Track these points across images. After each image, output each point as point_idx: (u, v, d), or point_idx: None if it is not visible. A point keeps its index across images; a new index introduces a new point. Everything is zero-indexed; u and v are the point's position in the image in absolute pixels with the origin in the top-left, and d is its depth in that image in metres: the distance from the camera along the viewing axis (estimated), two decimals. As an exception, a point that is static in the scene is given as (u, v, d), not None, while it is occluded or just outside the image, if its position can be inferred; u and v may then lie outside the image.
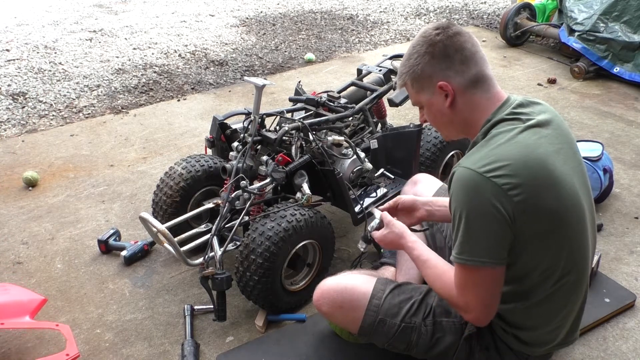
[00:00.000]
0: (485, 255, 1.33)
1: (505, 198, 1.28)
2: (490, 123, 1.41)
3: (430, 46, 1.42)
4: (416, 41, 1.46)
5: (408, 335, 1.61)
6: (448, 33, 1.41)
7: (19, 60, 4.69)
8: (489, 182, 1.29)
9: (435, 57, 1.41)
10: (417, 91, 1.48)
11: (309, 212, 2.02)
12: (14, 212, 2.76)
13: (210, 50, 4.94)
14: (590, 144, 2.70)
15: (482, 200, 1.30)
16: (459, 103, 1.43)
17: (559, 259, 1.39)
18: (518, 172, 1.29)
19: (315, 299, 1.71)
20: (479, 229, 1.32)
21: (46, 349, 1.97)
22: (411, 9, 6.09)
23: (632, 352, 1.91)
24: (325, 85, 4.04)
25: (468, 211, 1.32)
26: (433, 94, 1.45)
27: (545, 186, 1.31)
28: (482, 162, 1.31)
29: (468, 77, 1.42)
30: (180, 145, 3.37)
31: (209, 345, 1.98)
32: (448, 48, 1.41)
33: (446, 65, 1.41)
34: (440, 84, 1.42)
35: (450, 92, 1.42)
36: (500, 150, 1.33)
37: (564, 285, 1.43)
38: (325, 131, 2.33)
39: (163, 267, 2.36)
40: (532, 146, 1.34)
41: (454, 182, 1.36)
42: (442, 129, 1.55)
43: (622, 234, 2.51)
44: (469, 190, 1.31)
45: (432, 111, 1.49)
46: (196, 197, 2.30)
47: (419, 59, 1.44)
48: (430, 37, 1.43)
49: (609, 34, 4.07)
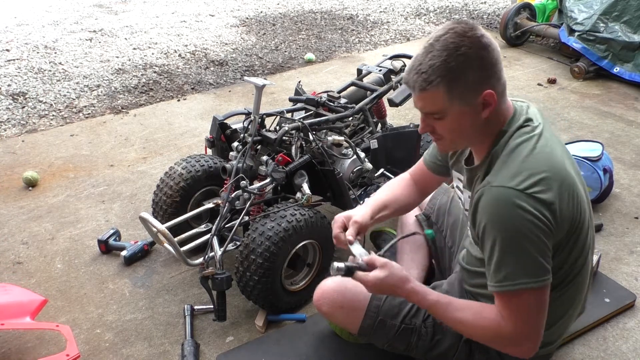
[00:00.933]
0: (534, 275, 1.27)
1: (550, 212, 1.24)
2: (508, 134, 1.34)
3: (481, 50, 1.26)
4: (457, 41, 1.25)
5: (408, 337, 1.61)
6: (489, 38, 1.28)
7: (19, 60, 4.69)
8: (531, 198, 1.23)
9: (486, 64, 1.27)
10: (451, 98, 1.28)
11: (309, 212, 2.02)
12: (14, 212, 2.76)
13: (210, 50, 4.94)
14: (590, 144, 2.70)
15: (529, 219, 1.23)
16: (493, 114, 1.32)
17: (570, 263, 1.39)
18: (553, 184, 1.25)
19: (316, 299, 1.71)
20: (526, 250, 1.25)
21: (46, 349, 1.97)
22: (411, 9, 6.09)
23: (632, 352, 1.91)
24: (325, 85, 4.04)
25: (512, 233, 1.25)
26: (472, 104, 1.29)
27: (570, 194, 1.29)
28: (518, 179, 1.25)
29: (502, 86, 1.32)
30: (180, 145, 3.37)
31: (209, 345, 1.98)
32: (495, 54, 1.28)
33: (492, 74, 1.28)
34: (486, 94, 1.27)
35: (494, 102, 1.29)
36: (529, 164, 1.27)
37: (570, 289, 1.43)
38: (325, 131, 2.33)
39: (163, 267, 2.36)
40: (552, 154, 1.31)
41: (488, 204, 1.28)
42: (457, 141, 1.41)
43: (622, 234, 2.51)
44: (512, 211, 1.24)
45: (459, 122, 1.32)
46: (196, 197, 2.30)
47: (466, 63, 1.25)
48: (479, 41, 1.26)
49: (609, 34, 4.07)
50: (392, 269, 1.40)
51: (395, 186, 1.76)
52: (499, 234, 1.26)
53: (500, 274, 1.28)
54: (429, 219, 1.99)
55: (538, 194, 1.24)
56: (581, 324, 1.93)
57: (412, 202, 1.77)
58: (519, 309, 1.30)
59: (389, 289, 1.41)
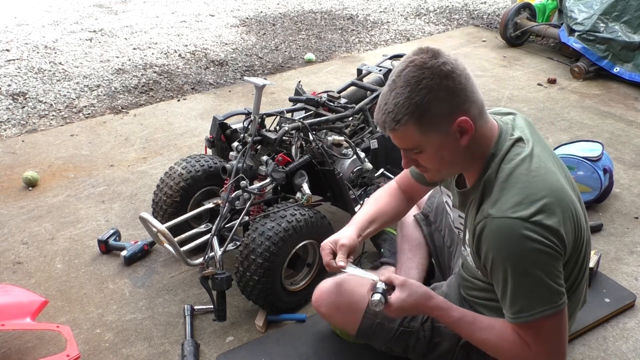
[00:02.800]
0: (550, 301, 1.25)
1: (556, 237, 1.23)
2: (499, 157, 1.30)
3: (444, 80, 1.20)
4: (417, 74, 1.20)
5: (406, 339, 1.61)
6: (451, 62, 1.22)
7: (19, 60, 4.69)
8: (537, 226, 1.21)
9: (453, 92, 1.21)
10: (424, 133, 1.24)
11: (309, 212, 2.02)
12: (14, 212, 2.76)
13: (210, 50, 4.94)
14: (590, 144, 2.69)
15: (538, 248, 1.21)
16: (474, 139, 1.27)
17: (574, 276, 1.39)
18: (555, 208, 1.23)
19: (314, 300, 1.71)
20: (539, 279, 1.23)
21: (46, 349, 1.97)
22: (411, 9, 6.09)
23: (632, 352, 1.91)
24: (325, 85, 4.03)
25: (523, 264, 1.23)
26: (448, 133, 1.24)
27: (571, 214, 1.28)
28: (521, 208, 1.22)
29: (479, 108, 1.26)
30: (180, 145, 3.37)
31: (209, 345, 1.98)
32: (461, 79, 1.22)
33: (463, 99, 1.23)
34: (460, 121, 1.22)
35: (470, 129, 1.24)
36: (528, 190, 1.24)
37: (572, 297, 1.43)
38: (325, 131, 2.33)
39: (163, 267, 2.36)
40: (548, 175, 1.28)
41: (494, 237, 1.25)
42: (442, 171, 1.36)
43: (622, 234, 2.51)
44: (520, 241, 1.21)
45: (439, 153, 1.28)
46: (196, 197, 2.30)
47: (430, 96, 1.20)
48: (440, 70, 1.20)
49: (609, 34, 4.07)
50: (412, 286, 1.39)
51: (381, 198, 1.73)
52: (510, 266, 1.24)
53: (516, 306, 1.27)
54: (427, 218, 1.99)
55: (543, 221, 1.21)
56: (581, 324, 1.93)
57: (401, 210, 1.75)
58: (539, 335, 1.29)
59: (412, 308, 1.39)
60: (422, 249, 1.97)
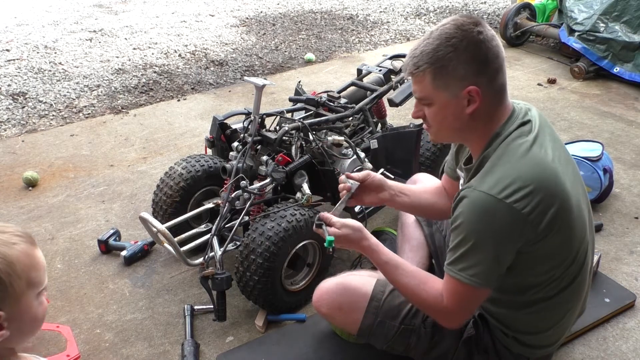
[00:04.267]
0: (485, 278, 1.32)
1: (525, 223, 1.25)
2: (502, 137, 1.34)
3: (472, 45, 1.27)
4: (451, 32, 1.28)
5: (407, 338, 1.60)
6: (488, 35, 1.29)
7: (19, 60, 4.69)
8: (509, 208, 1.24)
9: (475, 59, 1.28)
10: (436, 87, 1.31)
11: (309, 212, 2.02)
12: (14, 212, 2.76)
13: (210, 50, 4.94)
14: (590, 144, 2.70)
15: (502, 227, 1.26)
16: (481, 112, 1.32)
17: (567, 266, 1.39)
18: (537, 196, 1.25)
19: (315, 300, 1.71)
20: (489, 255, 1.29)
21: (46, 349, 1.97)
22: (411, 9, 6.09)
23: (632, 352, 1.91)
24: (325, 85, 4.03)
25: (482, 238, 1.28)
26: (456, 97, 1.30)
27: (560, 203, 1.29)
28: (500, 186, 1.25)
29: (496, 87, 1.32)
30: (180, 145, 3.37)
31: (209, 345, 1.98)
32: (489, 52, 1.29)
33: (482, 71, 1.29)
34: (470, 89, 1.29)
35: (478, 100, 1.30)
36: (515, 173, 1.26)
37: (569, 290, 1.43)
38: (325, 131, 2.33)
39: (163, 267, 2.36)
40: (543, 162, 1.30)
41: (466, 206, 1.29)
42: (443, 132, 1.42)
43: (622, 234, 2.51)
44: (486, 217, 1.26)
45: (443, 112, 1.35)
46: (196, 197, 2.30)
47: (453, 54, 1.27)
48: (472, 35, 1.27)
49: (609, 34, 4.07)
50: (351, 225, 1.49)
51: (428, 185, 1.83)
52: (469, 235, 1.29)
53: (459, 264, 1.33)
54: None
55: (516, 204, 1.24)
56: (581, 324, 1.93)
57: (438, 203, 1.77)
58: (461, 297, 1.37)
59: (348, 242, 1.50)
60: (423, 249, 1.97)
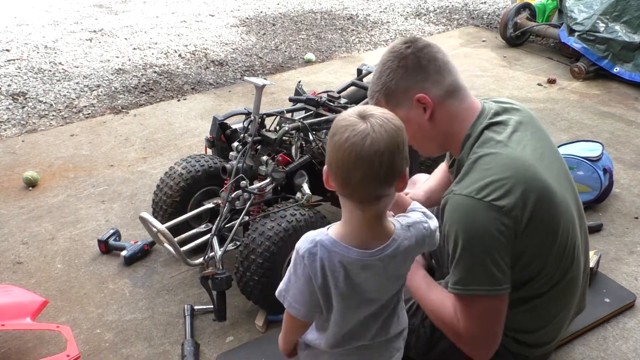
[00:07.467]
0: (485, 283, 1.30)
1: (508, 219, 1.26)
2: (473, 138, 1.38)
3: (402, 59, 1.39)
4: (386, 58, 1.42)
5: (406, 338, 1.60)
6: (417, 46, 1.39)
7: (19, 60, 4.69)
8: (488, 206, 1.26)
9: (409, 69, 1.38)
10: (393, 108, 1.38)
11: (309, 212, 2.02)
12: (14, 212, 2.76)
13: (210, 50, 4.94)
14: (590, 144, 2.70)
15: (485, 227, 1.26)
16: (438, 115, 1.40)
17: (557, 263, 1.40)
18: (515, 190, 1.27)
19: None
20: (478, 258, 1.29)
21: (46, 349, 1.97)
22: (411, 9, 6.09)
23: (632, 352, 1.91)
24: (325, 85, 4.03)
25: (469, 240, 1.28)
26: (411, 109, 1.40)
27: (541, 198, 1.30)
28: (476, 186, 1.28)
29: (444, 87, 1.39)
30: (180, 145, 3.37)
31: (209, 345, 1.98)
32: (421, 59, 1.38)
33: (421, 77, 1.38)
34: (418, 97, 1.38)
35: (429, 104, 1.39)
36: (492, 171, 1.29)
37: (563, 286, 1.44)
38: (325, 131, 2.33)
39: (163, 267, 2.36)
40: (520, 158, 1.31)
41: (448, 211, 1.32)
42: (421, 146, 1.51)
43: (622, 234, 2.51)
44: (468, 219, 1.28)
45: (410, 127, 1.36)
46: (196, 197, 2.30)
47: (391, 74, 1.40)
48: (401, 51, 1.40)
49: (609, 34, 4.07)
50: None
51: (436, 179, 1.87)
52: (460, 239, 1.29)
53: (455, 277, 1.32)
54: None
55: (495, 202, 1.25)
56: (581, 324, 1.93)
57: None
58: (469, 312, 1.33)
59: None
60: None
